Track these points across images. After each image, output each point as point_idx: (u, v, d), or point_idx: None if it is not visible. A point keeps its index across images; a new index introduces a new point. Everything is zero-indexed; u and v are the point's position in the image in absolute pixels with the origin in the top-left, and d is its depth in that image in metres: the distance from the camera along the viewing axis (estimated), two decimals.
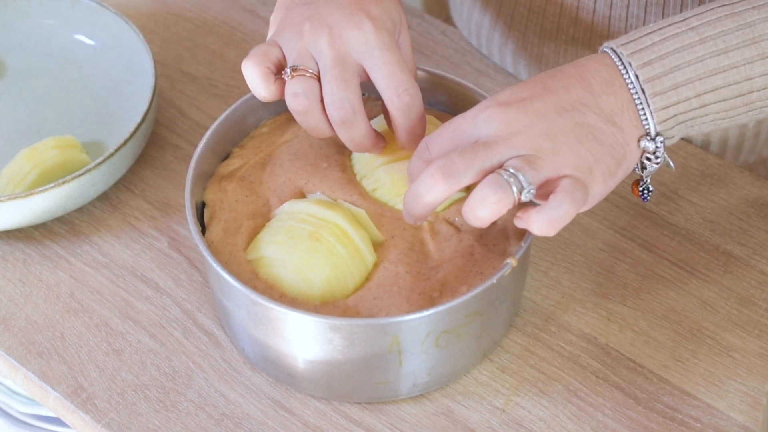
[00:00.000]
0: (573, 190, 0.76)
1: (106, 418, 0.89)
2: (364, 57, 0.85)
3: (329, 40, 0.84)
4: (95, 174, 0.97)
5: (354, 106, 0.84)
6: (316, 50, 0.85)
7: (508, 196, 0.76)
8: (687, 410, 0.90)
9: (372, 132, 0.87)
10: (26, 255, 0.99)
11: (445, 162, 0.78)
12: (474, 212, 0.77)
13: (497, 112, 0.79)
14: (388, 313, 0.85)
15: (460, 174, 0.77)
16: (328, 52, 0.84)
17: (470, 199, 0.77)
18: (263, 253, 0.88)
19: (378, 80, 0.85)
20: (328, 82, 0.84)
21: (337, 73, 0.84)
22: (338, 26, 0.85)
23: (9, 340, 0.94)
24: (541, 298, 0.96)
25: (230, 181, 0.93)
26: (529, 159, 0.77)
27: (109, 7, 1.09)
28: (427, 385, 0.90)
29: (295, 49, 0.85)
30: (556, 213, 0.76)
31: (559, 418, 0.89)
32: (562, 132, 0.78)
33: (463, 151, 0.78)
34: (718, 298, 0.96)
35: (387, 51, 0.85)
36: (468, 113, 0.81)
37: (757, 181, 1.04)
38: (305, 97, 0.84)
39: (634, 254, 0.99)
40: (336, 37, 0.84)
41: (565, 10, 1.05)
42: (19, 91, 1.09)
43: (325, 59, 0.84)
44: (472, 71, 1.13)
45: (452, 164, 0.77)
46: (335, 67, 0.84)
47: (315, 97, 0.85)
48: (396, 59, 0.85)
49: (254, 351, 0.90)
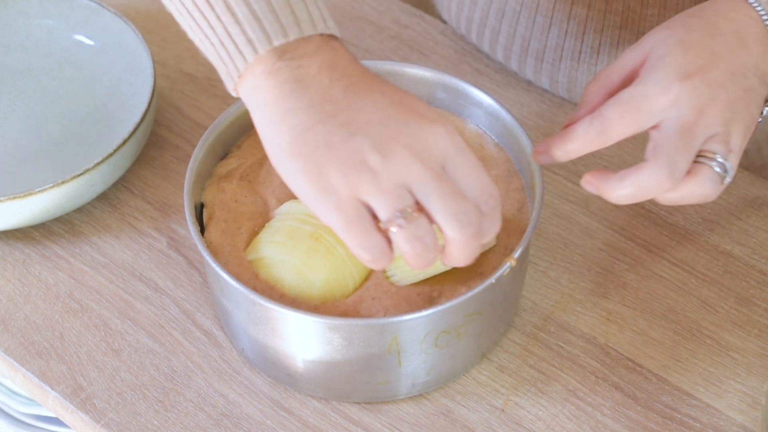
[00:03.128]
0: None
1: (105, 418, 0.90)
2: (447, 166, 0.75)
3: (419, 163, 0.72)
4: (94, 174, 0.97)
5: (476, 213, 0.75)
6: (407, 178, 0.73)
7: (719, 186, 0.79)
8: (686, 410, 0.90)
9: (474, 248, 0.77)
10: (25, 255, 0.99)
11: (671, 163, 0.77)
12: (687, 202, 0.79)
13: (685, 89, 0.78)
14: (387, 313, 0.85)
15: (683, 172, 0.78)
16: (425, 174, 0.73)
17: (687, 193, 0.78)
18: (263, 253, 0.88)
19: (465, 188, 0.75)
20: (441, 203, 0.73)
21: (448, 190, 0.73)
22: (415, 143, 0.73)
23: (8, 340, 0.94)
24: (541, 298, 0.96)
25: (229, 182, 0.93)
26: (724, 139, 0.79)
27: (109, 8, 1.09)
28: (426, 385, 0.90)
29: (381, 191, 0.72)
30: (701, 189, 0.79)
31: (558, 417, 0.89)
32: (737, 100, 0.79)
33: (680, 148, 0.78)
34: (718, 298, 0.96)
35: (468, 155, 0.75)
36: (648, 89, 0.78)
37: (757, 181, 1.04)
38: (430, 236, 0.74)
39: (634, 254, 0.99)
40: (421, 155, 0.73)
41: (560, 4, 1.05)
42: (19, 91, 1.09)
43: (425, 184, 0.73)
44: (472, 71, 1.13)
45: (677, 165, 0.78)
46: (443, 185, 0.73)
47: (434, 231, 0.74)
48: (476, 162, 0.76)
49: (253, 351, 0.90)
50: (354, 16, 1.17)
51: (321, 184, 0.72)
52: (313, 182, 0.72)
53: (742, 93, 0.80)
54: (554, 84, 1.10)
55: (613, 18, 1.03)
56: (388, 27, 1.16)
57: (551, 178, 1.04)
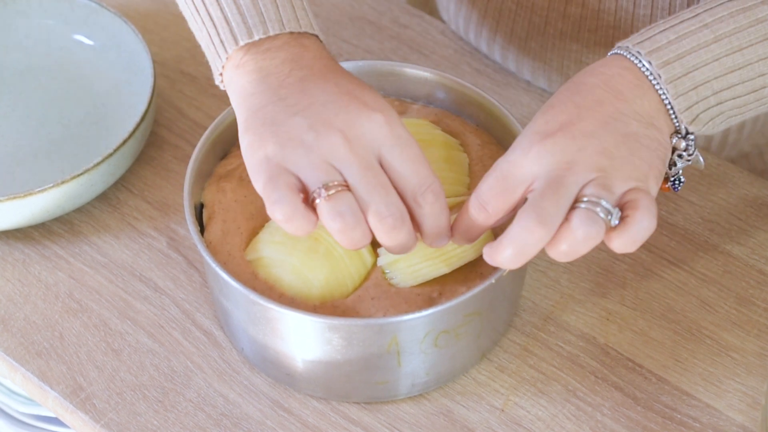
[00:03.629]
0: (650, 204, 0.76)
1: (105, 418, 0.90)
2: (383, 156, 0.79)
3: (348, 146, 0.78)
4: (94, 174, 0.97)
5: (401, 211, 0.79)
6: (335, 159, 0.78)
7: (601, 226, 0.75)
8: (686, 410, 0.90)
9: (414, 233, 0.81)
10: (25, 255, 0.99)
11: (536, 210, 0.75)
12: (577, 252, 0.76)
13: (545, 146, 0.77)
14: (387, 313, 0.85)
15: (554, 217, 0.75)
16: (353, 159, 0.78)
17: (569, 242, 0.76)
18: (262, 253, 0.88)
19: (399, 179, 0.79)
20: (367, 192, 0.78)
21: (372, 180, 0.78)
22: (349, 128, 0.78)
23: (8, 340, 0.94)
24: (540, 298, 0.96)
25: (229, 181, 0.93)
26: (600, 182, 0.76)
27: (109, 8, 1.09)
28: (425, 385, 0.90)
29: (311, 165, 0.78)
30: (641, 232, 0.76)
31: (558, 417, 0.89)
32: (614, 146, 0.78)
33: (546, 195, 0.76)
34: (717, 298, 0.96)
35: (407, 146, 0.79)
36: (511, 156, 0.78)
37: (757, 180, 1.04)
38: (352, 214, 0.77)
39: (633, 254, 0.99)
40: (353, 140, 0.78)
41: (554, 4, 1.05)
42: (19, 91, 1.09)
43: (351, 167, 0.78)
44: (472, 71, 1.13)
45: (544, 211, 0.75)
46: (367, 174, 0.78)
47: (358, 210, 0.78)
48: (416, 153, 0.79)
49: (253, 351, 0.90)
50: (354, 16, 1.17)
51: (260, 155, 0.79)
52: (255, 153, 0.80)
53: (621, 138, 0.78)
54: (552, 84, 1.10)
55: (606, 18, 1.03)
56: (388, 27, 1.16)
57: None
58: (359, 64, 0.98)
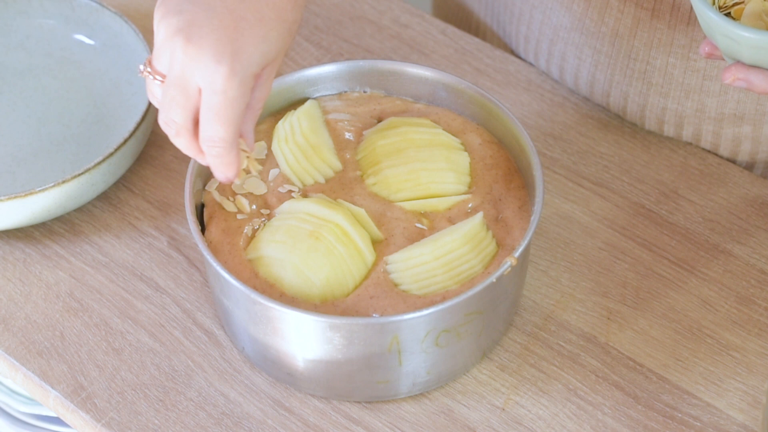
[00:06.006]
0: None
1: (106, 417, 0.90)
2: (202, 93, 0.81)
3: (181, 59, 0.80)
4: (95, 173, 0.97)
5: (178, 129, 0.82)
6: (169, 53, 0.80)
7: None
8: (687, 409, 0.90)
9: (195, 150, 0.84)
10: (26, 254, 0.99)
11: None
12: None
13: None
14: (387, 312, 0.85)
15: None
16: (175, 68, 0.80)
17: None
18: (263, 252, 0.88)
19: (201, 120, 0.82)
20: (165, 97, 0.82)
21: (174, 95, 0.81)
22: (197, 45, 0.79)
23: (9, 339, 0.94)
24: (541, 297, 0.96)
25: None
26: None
27: (109, 7, 1.09)
28: (426, 384, 0.90)
29: (157, 36, 0.81)
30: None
31: (558, 417, 0.89)
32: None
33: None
34: (718, 297, 0.96)
35: (224, 101, 0.80)
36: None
37: (757, 180, 1.04)
38: (158, 104, 0.83)
39: (634, 253, 0.99)
40: (189, 55, 0.80)
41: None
42: (19, 91, 1.09)
43: (171, 72, 0.81)
44: (472, 70, 1.13)
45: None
46: (175, 87, 0.81)
47: (161, 102, 0.83)
48: (225, 114, 0.81)
49: (254, 350, 0.90)
50: (354, 16, 1.17)
51: (157, 6, 0.82)
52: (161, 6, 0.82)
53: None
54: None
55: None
56: (388, 27, 1.16)
57: (552, 178, 1.04)
58: (360, 64, 0.98)
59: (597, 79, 1.06)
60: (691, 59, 1.01)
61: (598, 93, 1.07)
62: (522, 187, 0.93)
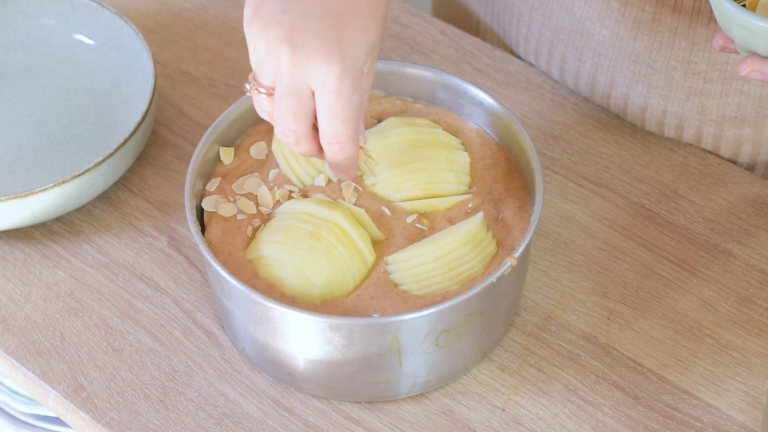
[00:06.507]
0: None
1: (106, 417, 0.90)
2: (317, 96, 0.81)
3: (290, 67, 0.79)
4: (95, 174, 0.97)
5: (298, 137, 0.82)
6: (275, 65, 0.80)
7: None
8: (687, 409, 0.90)
9: (315, 152, 0.84)
10: (26, 254, 0.99)
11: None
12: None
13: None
14: (387, 312, 0.85)
15: None
16: (285, 79, 0.80)
17: None
18: (263, 252, 0.88)
19: (320, 121, 0.82)
20: (279, 109, 0.81)
21: (289, 105, 0.81)
22: (304, 50, 0.79)
23: (9, 339, 0.94)
24: (541, 297, 0.96)
25: (230, 181, 0.93)
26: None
27: (109, 7, 1.09)
28: (427, 385, 0.90)
29: (263, 57, 0.81)
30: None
31: (558, 417, 0.89)
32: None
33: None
34: (718, 297, 0.96)
35: (340, 100, 0.80)
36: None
37: (758, 180, 1.04)
38: (269, 117, 0.84)
39: (634, 253, 0.99)
40: (297, 63, 0.79)
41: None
42: (19, 91, 1.09)
43: (280, 85, 0.81)
44: (472, 70, 1.13)
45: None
46: (288, 97, 0.80)
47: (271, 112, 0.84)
48: (343, 112, 0.81)
49: (254, 350, 0.90)
50: None
51: (247, 23, 0.82)
52: (251, 19, 0.82)
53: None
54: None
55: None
56: (388, 27, 1.16)
57: (552, 178, 1.04)
58: None
59: (597, 81, 1.06)
60: (692, 62, 1.01)
61: (599, 95, 1.07)
62: (522, 187, 0.93)
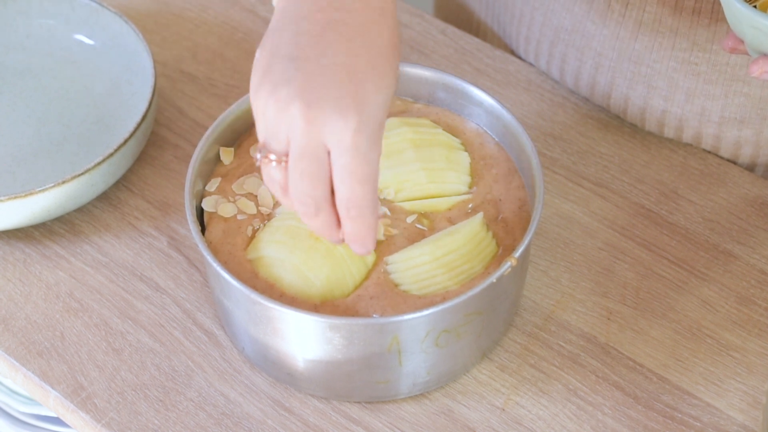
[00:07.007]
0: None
1: (106, 417, 0.90)
2: (332, 155, 0.76)
3: (303, 127, 0.74)
4: (95, 174, 0.97)
5: (318, 204, 0.77)
6: (287, 126, 0.75)
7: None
8: (687, 409, 0.90)
9: (334, 225, 0.79)
10: (26, 255, 0.99)
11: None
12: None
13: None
14: (387, 312, 0.85)
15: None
16: (299, 140, 0.75)
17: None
18: (263, 252, 0.88)
19: (336, 184, 0.76)
20: (293, 176, 0.76)
21: (305, 167, 0.75)
22: (318, 106, 0.74)
23: (9, 339, 0.94)
24: (541, 298, 0.96)
25: (230, 181, 0.93)
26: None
27: (109, 7, 1.09)
28: (426, 385, 0.90)
29: (265, 116, 0.76)
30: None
31: (558, 417, 0.89)
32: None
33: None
34: (718, 298, 0.96)
35: (357, 157, 0.75)
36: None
37: (757, 180, 1.04)
38: (281, 189, 0.78)
39: (634, 253, 0.99)
40: (311, 120, 0.74)
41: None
42: (19, 91, 1.09)
43: (294, 147, 0.76)
44: (472, 71, 1.13)
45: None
46: (303, 159, 0.75)
47: (286, 185, 0.79)
48: (361, 171, 0.75)
49: (254, 350, 0.90)
50: None
51: (257, 83, 0.77)
52: (259, 78, 0.77)
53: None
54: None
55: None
56: None
57: (552, 178, 1.04)
58: None
59: (597, 82, 1.06)
60: (693, 63, 1.01)
61: (599, 95, 1.07)
62: (522, 187, 0.93)
